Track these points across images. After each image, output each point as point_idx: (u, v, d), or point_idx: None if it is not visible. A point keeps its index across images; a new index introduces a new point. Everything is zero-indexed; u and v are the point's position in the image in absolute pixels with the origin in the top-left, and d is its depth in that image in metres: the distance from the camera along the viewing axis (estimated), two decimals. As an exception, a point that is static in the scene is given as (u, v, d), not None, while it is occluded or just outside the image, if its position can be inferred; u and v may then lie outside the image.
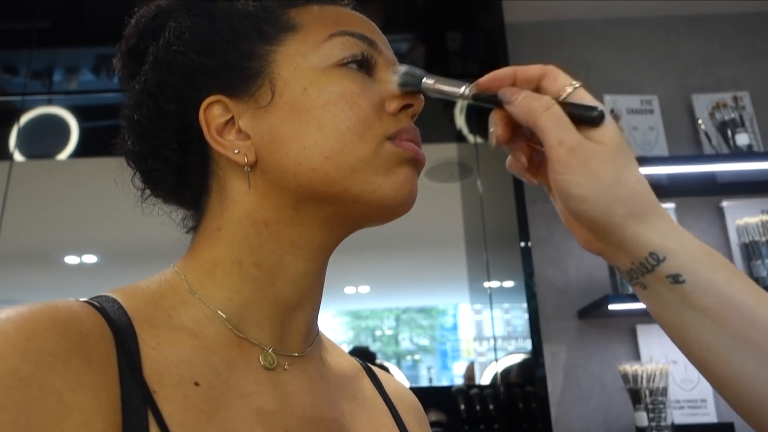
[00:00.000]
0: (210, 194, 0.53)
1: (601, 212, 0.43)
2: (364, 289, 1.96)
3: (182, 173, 0.54)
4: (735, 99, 2.08)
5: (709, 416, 1.86)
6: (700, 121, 2.13)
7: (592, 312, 1.91)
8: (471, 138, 2.00)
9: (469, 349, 1.95)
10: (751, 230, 1.86)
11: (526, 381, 1.78)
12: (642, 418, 1.69)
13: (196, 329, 0.48)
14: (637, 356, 1.94)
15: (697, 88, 2.24)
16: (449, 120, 2.02)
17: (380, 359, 1.92)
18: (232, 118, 0.51)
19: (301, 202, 0.50)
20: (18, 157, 1.91)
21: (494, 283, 1.87)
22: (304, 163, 0.48)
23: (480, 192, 1.93)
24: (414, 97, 0.52)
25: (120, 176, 0.56)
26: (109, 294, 0.48)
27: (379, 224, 0.53)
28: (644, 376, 1.70)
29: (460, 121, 2.02)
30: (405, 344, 1.96)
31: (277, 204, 0.50)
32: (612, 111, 2.09)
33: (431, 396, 1.83)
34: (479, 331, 1.92)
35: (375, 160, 0.49)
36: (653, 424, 1.68)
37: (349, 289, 1.93)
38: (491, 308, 1.85)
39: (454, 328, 1.98)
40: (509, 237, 1.85)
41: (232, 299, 0.50)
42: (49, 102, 2.00)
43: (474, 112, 2.02)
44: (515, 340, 1.88)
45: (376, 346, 1.93)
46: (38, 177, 1.95)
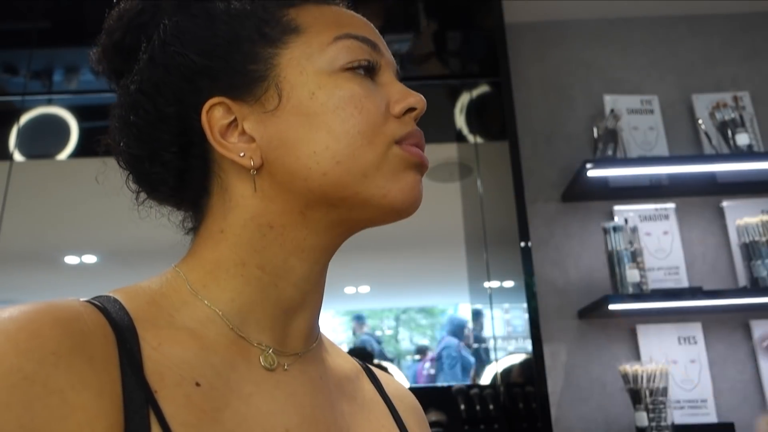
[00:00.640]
0: (211, 196, 0.53)
1: None
2: (364, 289, 1.96)
3: (182, 176, 0.53)
4: (735, 99, 2.08)
5: (709, 416, 1.86)
6: (700, 121, 2.13)
7: (592, 312, 1.91)
8: (471, 138, 2.00)
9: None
10: (751, 230, 1.86)
11: (526, 381, 1.78)
12: (642, 418, 1.69)
13: (197, 329, 0.48)
14: (637, 356, 1.94)
15: (697, 88, 2.24)
16: (449, 120, 2.02)
17: (380, 359, 1.91)
18: (235, 120, 0.50)
19: (309, 206, 0.50)
20: (18, 157, 1.91)
21: (494, 283, 1.87)
22: (315, 168, 0.48)
23: (480, 192, 1.93)
24: (417, 100, 0.52)
25: (101, 175, 0.56)
26: (110, 294, 0.48)
27: (383, 224, 0.53)
28: (644, 376, 1.70)
29: (460, 121, 2.02)
30: (405, 344, 1.96)
31: (284, 208, 0.50)
32: (612, 111, 2.09)
33: (431, 396, 1.83)
34: (479, 331, 1.92)
35: (384, 165, 0.49)
36: (653, 424, 1.68)
37: (349, 289, 1.93)
38: (491, 308, 1.85)
39: (454, 328, 1.98)
40: (509, 237, 1.85)
41: (234, 300, 0.50)
42: (49, 102, 2.00)
43: (474, 112, 2.02)
44: (515, 340, 1.88)
45: (376, 347, 1.92)
46: (38, 177, 1.95)
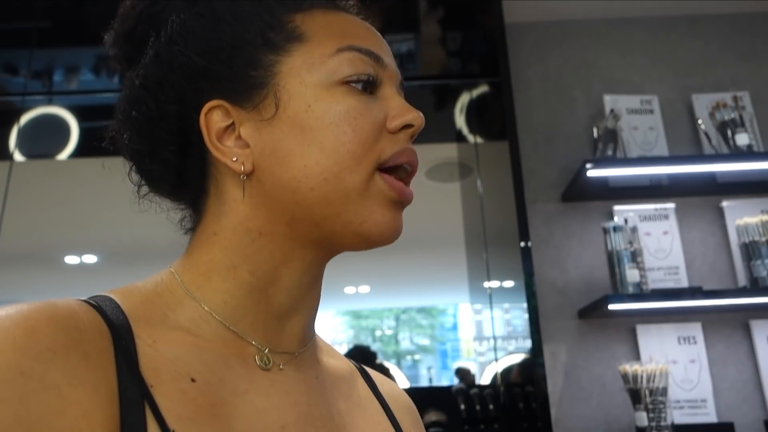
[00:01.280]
0: (208, 197, 0.53)
1: None
2: (364, 289, 1.96)
3: (181, 175, 0.54)
4: (735, 99, 2.08)
5: (709, 416, 1.86)
6: (700, 121, 2.13)
7: (592, 312, 1.91)
8: (471, 138, 2.00)
9: (469, 349, 1.95)
10: (751, 230, 1.86)
11: (526, 381, 1.78)
12: (642, 418, 1.69)
13: (192, 329, 0.48)
14: (637, 356, 1.94)
15: (697, 88, 2.24)
16: (449, 120, 2.02)
17: (380, 359, 1.92)
18: (233, 123, 0.50)
19: (295, 219, 0.50)
20: (18, 157, 1.91)
21: (494, 283, 1.87)
22: (304, 182, 0.48)
23: (480, 192, 1.93)
24: (415, 117, 0.52)
25: (109, 167, 0.55)
26: (106, 294, 0.48)
27: (359, 250, 0.53)
28: (644, 376, 1.70)
29: (460, 121, 2.02)
30: (405, 344, 1.96)
31: (271, 217, 0.50)
32: (612, 111, 2.09)
33: (431, 396, 1.83)
34: (479, 331, 1.92)
35: (365, 192, 0.49)
36: (653, 424, 1.68)
37: (349, 289, 1.93)
38: (491, 308, 1.85)
39: (454, 328, 1.98)
40: (509, 237, 1.85)
41: (227, 303, 0.50)
42: (49, 102, 2.00)
43: (474, 112, 2.02)
44: (515, 340, 1.88)
45: (376, 346, 1.93)
46: (38, 177, 1.95)
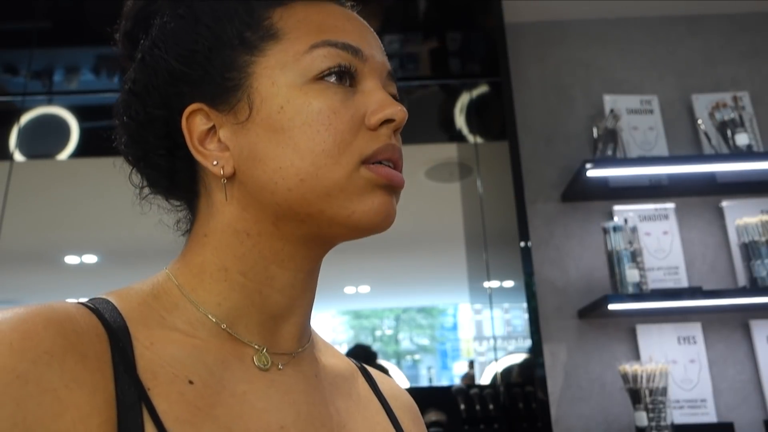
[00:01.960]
0: (199, 199, 0.54)
1: None
2: (364, 289, 1.96)
3: (173, 177, 0.54)
4: (735, 99, 2.08)
5: (709, 416, 1.87)
6: (699, 121, 2.13)
7: (592, 312, 1.91)
8: (471, 138, 2.00)
9: (469, 349, 1.95)
10: (750, 230, 1.86)
11: (526, 381, 1.78)
12: (642, 418, 1.69)
13: (189, 331, 0.48)
14: (636, 356, 1.94)
15: (697, 88, 2.24)
16: (449, 120, 2.02)
17: (380, 359, 1.92)
18: (214, 126, 0.50)
19: (280, 218, 0.49)
20: (18, 157, 1.91)
21: (494, 283, 1.87)
22: (281, 183, 0.48)
23: (480, 192, 1.93)
24: (395, 111, 0.49)
25: (121, 171, 0.56)
26: (103, 296, 0.48)
27: (356, 239, 0.52)
28: (644, 376, 1.70)
29: (460, 121, 2.02)
30: (405, 344, 1.96)
31: (257, 217, 0.50)
32: (612, 111, 2.09)
33: (431, 396, 1.83)
34: (479, 331, 1.92)
35: (349, 186, 0.48)
36: (653, 423, 1.68)
37: (349, 289, 1.93)
38: (491, 308, 1.85)
39: (454, 328, 1.98)
40: (509, 237, 1.86)
41: (221, 305, 0.50)
42: (49, 102, 2.00)
43: (474, 112, 2.02)
44: (515, 340, 1.88)
45: (376, 346, 1.93)
46: (38, 177, 1.95)
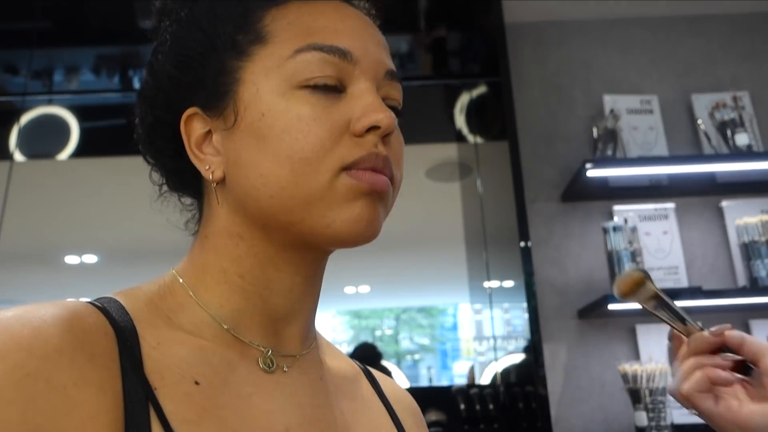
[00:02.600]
0: (203, 200, 0.54)
1: None
2: (364, 289, 1.96)
3: (181, 178, 0.55)
4: (735, 99, 2.08)
5: (709, 416, 1.86)
6: (699, 121, 2.13)
7: (592, 312, 1.91)
8: (471, 138, 2.00)
9: (469, 349, 1.95)
10: (750, 230, 1.86)
11: (526, 381, 1.78)
12: (642, 418, 1.69)
13: (195, 331, 0.49)
14: (636, 356, 1.94)
15: (697, 88, 2.24)
16: (449, 120, 2.02)
17: (382, 360, 1.92)
18: (210, 131, 0.51)
19: (267, 224, 0.49)
20: (18, 157, 1.91)
21: (494, 283, 1.87)
22: (263, 190, 0.47)
23: (480, 192, 1.93)
24: (380, 118, 0.47)
25: (125, 175, 0.56)
26: (111, 296, 0.48)
27: (343, 248, 0.51)
28: (644, 375, 1.70)
29: (460, 121, 2.02)
30: (405, 344, 1.96)
31: (246, 222, 0.50)
32: (612, 111, 2.09)
33: (431, 396, 1.83)
34: (479, 330, 1.92)
35: (329, 194, 0.47)
36: (653, 423, 1.68)
37: (349, 289, 1.93)
38: (491, 308, 1.85)
39: (454, 327, 1.98)
40: (509, 237, 1.86)
41: (224, 306, 0.50)
42: (49, 102, 2.00)
43: (474, 112, 2.02)
44: (515, 340, 1.88)
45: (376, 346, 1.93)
46: (38, 177, 1.95)
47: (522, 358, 1.82)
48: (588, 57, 2.31)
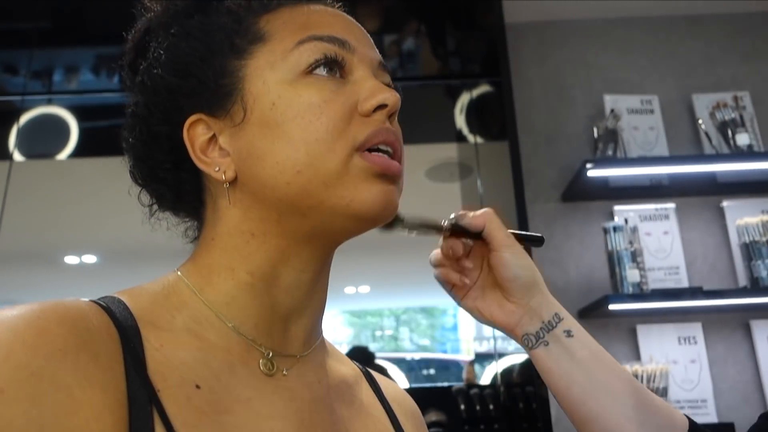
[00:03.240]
0: (206, 207, 0.54)
1: (533, 274, 0.62)
2: (364, 289, 1.96)
3: (179, 190, 0.55)
4: (735, 99, 2.08)
5: (709, 416, 1.86)
6: (700, 121, 2.13)
7: (592, 312, 1.91)
8: (471, 138, 2.00)
9: (469, 349, 1.95)
10: (751, 230, 1.86)
11: (526, 381, 1.78)
12: (642, 418, 1.69)
13: (198, 331, 0.49)
14: (637, 356, 1.94)
15: (697, 88, 2.24)
16: (449, 120, 2.02)
17: (380, 359, 1.91)
18: (214, 135, 0.51)
19: (284, 215, 0.50)
20: (18, 157, 1.91)
21: (494, 283, 1.86)
22: (280, 178, 0.48)
23: (480, 192, 1.93)
24: (387, 96, 0.50)
25: (130, 185, 0.57)
26: (114, 295, 0.49)
27: (359, 234, 0.52)
28: (644, 376, 1.70)
29: (460, 121, 2.02)
30: (405, 344, 1.96)
31: (261, 217, 0.51)
32: (612, 111, 2.09)
33: (431, 396, 1.83)
34: (479, 331, 1.92)
35: (346, 174, 0.48)
36: (653, 424, 1.68)
37: (349, 289, 1.93)
38: (491, 308, 1.85)
39: (454, 328, 1.98)
40: (509, 237, 1.85)
41: (229, 304, 0.51)
42: (49, 102, 2.00)
43: (474, 112, 2.02)
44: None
45: (376, 346, 1.93)
46: (38, 177, 1.95)
47: (522, 359, 1.82)
48: (588, 57, 2.31)
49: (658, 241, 2.04)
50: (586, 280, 2.04)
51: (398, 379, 1.90)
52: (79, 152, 1.94)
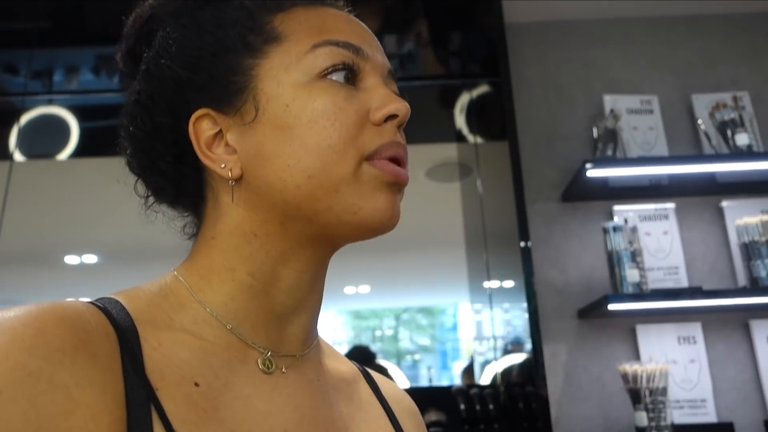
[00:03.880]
0: (206, 203, 0.54)
1: None
2: (364, 289, 1.96)
3: (180, 184, 0.55)
4: (735, 99, 2.08)
5: (709, 416, 1.86)
6: (699, 121, 2.13)
7: (592, 312, 1.91)
8: (471, 138, 2.00)
9: (469, 349, 1.95)
10: (750, 230, 1.86)
11: (526, 381, 1.78)
12: (642, 418, 1.69)
13: (196, 332, 0.49)
14: (636, 356, 1.94)
15: (697, 88, 2.24)
16: (449, 120, 2.02)
17: (380, 359, 1.92)
18: (221, 131, 0.51)
19: (288, 218, 0.50)
20: (18, 157, 1.91)
21: (494, 283, 1.87)
22: (289, 181, 0.48)
23: (480, 192, 1.93)
24: (399, 107, 0.51)
25: (122, 175, 0.57)
26: (111, 296, 0.49)
27: (360, 240, 0.52)
28: (644, 376, 1.70)
29: (460, 121, 2.02)
30: (405, 344, 1.96)
31: (265, 217, 0.50)
32: (612, 111, 2.09)
33: (431, 396, 1.83)
34: (479, 331, 1.92)
35: (356, 182, 0.49)
36: (653, 424, 1.68)
37: (349, 289, 1.93)
38: (491, 308, 1.85)
39: (454, 328, 1.98)
40: (509, 237, 1.86)
41: (227, 304, 0.51)
42: (49, 102, 2.00)
43: (474, 112, 2.02)
44: (515, 340, 1.88)
45: (376, 346, 1.93)
46: (38, 177, 1.95)
47: (522, 359, 1.82)
48: (588, 57, 2.31)
49: (657, 241, 2.04)
50: (586, 280, 2.04)
51: (398, 380, 1.91)
52: (79, 152, 1.94)
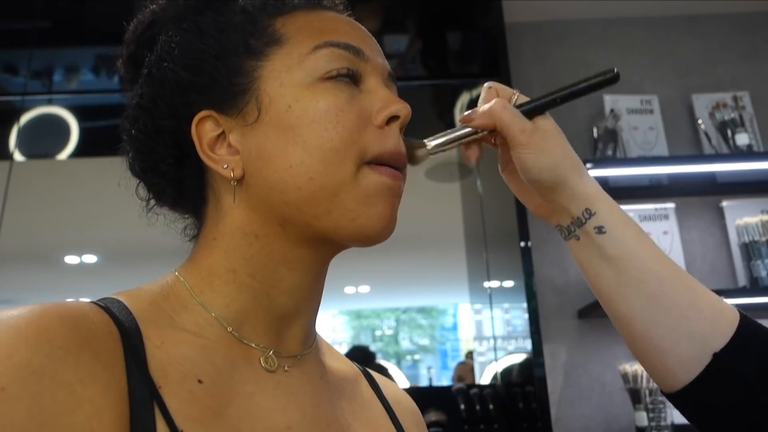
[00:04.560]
0: (207, 204, 0.54)
1: (557, 175, 0.56)
2: (364, 289, 1.96)
3: (181, 186, 0.55)
4: (735, 99, 2.08)
5: (709, 416, 1.86)
6: (700, 121, 2.13)
7: (592, 312, 1.91)
8: (471, 138, 2.00)
9: (469, 349, 1.95)
10: (751, 230, 1.86)
11: (526, 381, 1.78)
12: (642, 418, 1.69)
13: (198, 332, 0.49)
14: (637, 356, 1.94)
15: (697, 88, 2.24)
16: (449, 120, 2.02)
17: (380, 359, 1.92)
18: (223, 132, 0.51)
19: (288, 220, 0.50)
20: (18, 157, 1.91)
21: (494, 283, 1.87)
22: (291, 182, 0.48)
23: (480, 192, 1.93)
24: (400, 108, 0.51)
25: (123, 178, 0.57)
26: (113, 296, 0.49)
27: (356, 247, 0.52)
28: (644, 375, 1.70)
29: (460, 121, 2.02)
30: (405, 344, 1.96)
31: (265, 219, 0.51)
32: (612, 111, 2.09)
33: (431, 396, 1.83)
34: (479, 331, 1.92)
35: (355, 187, 0.49)
36: (653, 423, 1.68)
37: (349, 289, 1.93)
38: (491, 308, 1.85)
39: (454, 328, 1.98)
40: (509, 237, 1.85)
41: (229, 306, 0.51)
42: (49, 102, 2.00)
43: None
44: (515, 340, 1.88)
45: (376, 346, 1.93)
46: (38, 177, 1.95)
47: (522, 359, 1.82)
48: (588, 57, 2.31)
49: (657, 241, 2.02)
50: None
51: (398, 380, 1.91)
52: (79, 152, 1.94)
